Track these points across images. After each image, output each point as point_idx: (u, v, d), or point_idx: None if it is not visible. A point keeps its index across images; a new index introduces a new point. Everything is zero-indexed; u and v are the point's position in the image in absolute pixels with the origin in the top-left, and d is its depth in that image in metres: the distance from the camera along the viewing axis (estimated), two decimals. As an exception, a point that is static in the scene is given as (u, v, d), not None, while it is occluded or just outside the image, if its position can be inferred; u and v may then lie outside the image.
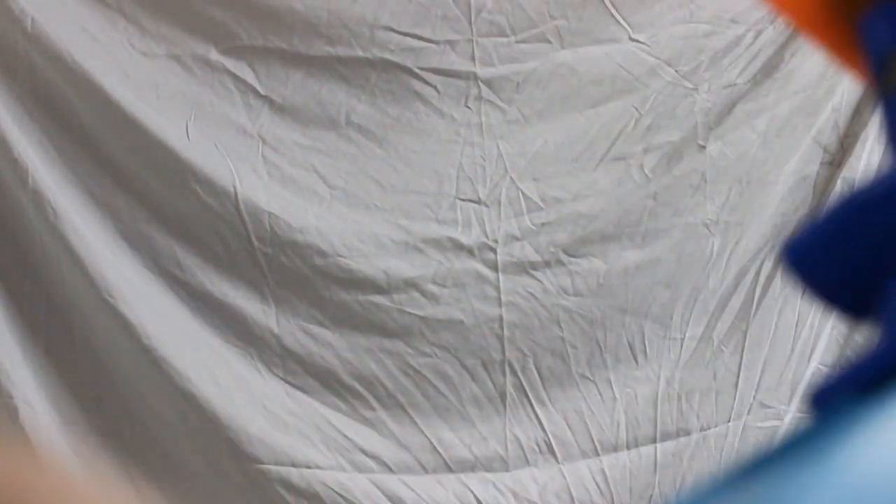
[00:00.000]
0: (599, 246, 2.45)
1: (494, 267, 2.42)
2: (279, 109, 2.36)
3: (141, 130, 2.29)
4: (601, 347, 2.45)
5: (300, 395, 2.38)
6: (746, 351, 2.50)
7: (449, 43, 2.39)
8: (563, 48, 2.42)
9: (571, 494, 2.44)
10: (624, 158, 2.45)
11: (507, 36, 2.41)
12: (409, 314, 2.39)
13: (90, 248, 2.27)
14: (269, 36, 2.34)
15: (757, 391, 2.51)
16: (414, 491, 2.39)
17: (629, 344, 2.46)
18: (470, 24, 2.39)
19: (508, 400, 2.43)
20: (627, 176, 2.45)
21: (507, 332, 2.42)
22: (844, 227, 0.42)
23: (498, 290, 2.42)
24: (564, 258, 2.44)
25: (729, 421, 2.49)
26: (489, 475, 2.43)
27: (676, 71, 2.46)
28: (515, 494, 2.43)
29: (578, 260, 2.44)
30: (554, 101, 2.42)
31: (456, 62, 2.39)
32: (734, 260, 2.50)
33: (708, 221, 2.48)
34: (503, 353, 2.42)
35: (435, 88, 2.39)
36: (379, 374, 2.39)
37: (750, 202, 2.50)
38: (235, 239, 2.34)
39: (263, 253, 2.35)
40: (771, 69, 2.51)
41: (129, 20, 2.30)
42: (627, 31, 2.44)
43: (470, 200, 2.42)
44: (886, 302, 0.40)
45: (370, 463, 2.39)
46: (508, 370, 2.43)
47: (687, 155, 2.48)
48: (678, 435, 2.48)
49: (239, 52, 2.34)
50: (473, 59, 2.40)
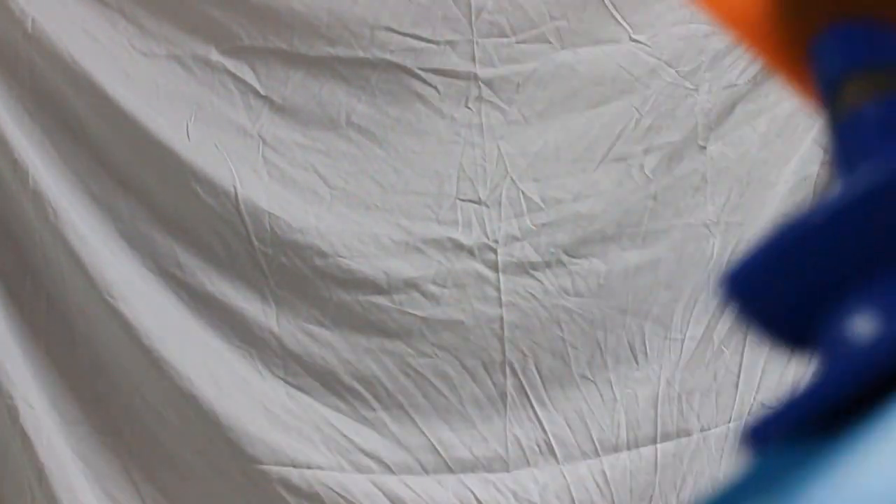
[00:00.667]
0: (600, 246, 2.45)
1: (495, 267, 2.42)
2: (279, 110, 2.36)
3: (141, 131, 2.28)
4: (602, 348, 2.45)
5: (300, 395, 2.38)
6: (747, 352, 2.50)
7: (449, 43, 2.39)
8: (563, 49, 2.42)
9: (572, 495, 2.44)
10: (624, 159, 2.45)
11: (507, 36, 2.41)
12: (409, 315, 2.39)
13: (90, 248, 2.27)
14: (269, 36, 2.34)
15: (757, 392, 2.50)
16: (414, 491, 2.39)
17: (629, 344, 2.46)
18: (470, 24, 2.39)
19: (509, 400, 2.43)
20: (628, 176, 2.45)
21: (507, 332, 2.42)
22: (784, 257, 0.40)
23: (498, 290, 2.42)
24: (565, 259, 2.44)
25: (729, 421, 2.49)
26: (489, 476, 2.43)
27: (677, 71, 2.46)
28: (516, 495, 2.43)
29: (579, 260, 2.44)
30: (554, 101, 2.42)
31: (456, 63, 2.39)
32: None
33: (708, 222, 2.48)
34: (503, 353, 2.42)
35: (435, 89, 2.39)
36: (379, 374, 2.39)
37: (750, 203, 2.49)
38: (236, 239, 2.34)
39: (264, 253, 2.35)
40: (771, 70, 2.50)
41: (129, 20, 2.30)
42: (628, 31, 2.44)
43: (470, 201, 2.42)
44: (826, 335, 0.39)
45: (370, 463, 2.39)
46: (509, 371, 2.43)
47: (687, 155, 2.48)
48: (678, 435, 2.47)
49: (239, 52, 2.34)
50: (474, 59, 2.40)
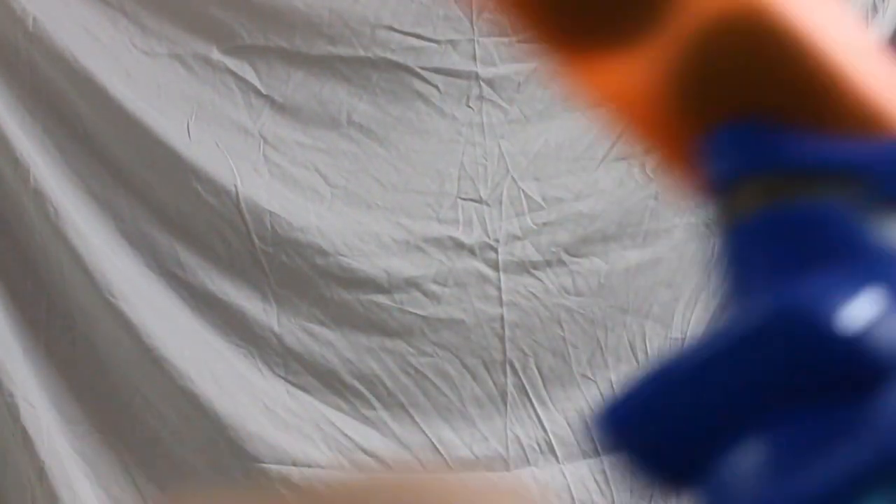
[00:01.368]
0: (601, 246, 2.44)
1: (496, 266, 2.42)
2: (280, 109, 2.36)
3: (142, 130, 2.28)
4: (602, 347, 2.45)
5: (301, 394, 2.38)
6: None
7: (450, 42, 2.39)
8: (564, 48, 2.41)
9: (572, 494, 2.44)
10: (625, 158, 2.44)
11: (508, 35, 2.40)
12: (410, 313, 2.39)
13: (91, 247, 2.27)
14: (270, 35, 2.34)
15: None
16: (415, 490, 2.39)
17: (630, 344, 2.46)
18: (471, 23, 2.39)
19: (509, 399, 2.43)
20: (629, 176, 2.45)
21: (508, 331, 2.42)
22: (665, 396, 0.39)
23: (499, 289, 2.42)
24: (566, 258, 2.44)
25: (730, 421, 2.49)
26: (490, 475, 2.43)
27: (678, 70, 2.46)
28: (516, 494, 2.43)
29: (580, 259, 2.44)
30: (555, 100, 2.42)
31: (457, 62, 2.39)
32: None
33: (709, 221, 2.47)
34: (504, 352, 2.42)
35: (436, 88, 2.39)
36: (380, 373, 2.39)
37: (752, 202, 2.49)
38: (236, 238, 2.34)
39: (264, 252, 2.35)
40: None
41: (130, 19, 2.30)
42: (629, 30, 2.43)
43: (471, 200, 2.42)
44: (707, 478, 0.37)
45: (371, 462, 2.39)
46: (509, 370, 2.43)
47: (688, 155, 2.47)
48: (679, 435, 2.47)
49: (240, 51, 2.34)
50: (475, 58, 2.40)
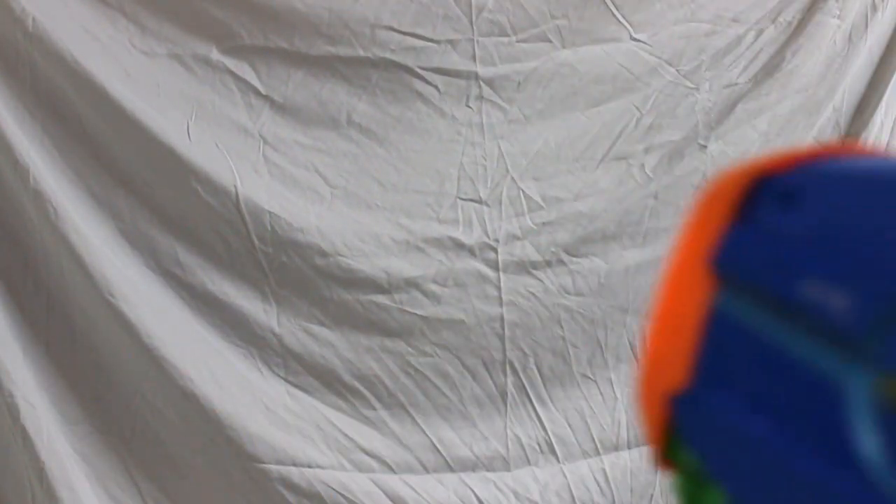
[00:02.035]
0: (600, 245, 2.45)
1: (495, 266, 2.42)
2: (280, 109, 2.36)
3: (142, 130, 2.28)
4: (602, 347, 2.45)
5: (301, 394, 2.38)
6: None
7: (450, 42, 2.39)
8: (564, 47, 2.42)
9: (572, 494, 2.44)
10: (625, 158, 2.45)
11: (508, 35, 2.41)
12: (410, 314, 2.39)
13: (91, 247, 2.26)
14: (270, 35, 2.34)
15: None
16: (415, 490, 2.39)
17: (630, 343, 2.46)
18: (471, 23, 2.39)
19: (509, 399, 2.43)
20: (628, 175, 2.45)
21: (508, 331, 2.42)
22: None
23: (499, 289, 2.42)
24: (565, 258, 2.44)
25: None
26: (490, 475, 2.43)
27: (677, 70, 2.46)
28: (516, 494, 2.43)
29: (579, 259, 2.44)
30: (555, 100, 2.42)
31: (457, 62, 2.39)
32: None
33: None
34: (504, 352, 2.42)
35: (436, 88, 2.39)
36: (380, 373, 2.39)
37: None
38: (236, 238, 2.34)
39: (264, 252, 2.35)
40: (772, 68, 2.51)
41: (130, 19, 2.30)
42: (628, 30, 2.44)
43: (471, 200, 2.42)
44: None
45: (371, 462, 2.39)
46: (509, 369, 2.43)
47: (688, 154, 2.48)
48: (679, 434, 2.47)
49: (240, 51, 2.34)
50: (474, 58, 2.40)
